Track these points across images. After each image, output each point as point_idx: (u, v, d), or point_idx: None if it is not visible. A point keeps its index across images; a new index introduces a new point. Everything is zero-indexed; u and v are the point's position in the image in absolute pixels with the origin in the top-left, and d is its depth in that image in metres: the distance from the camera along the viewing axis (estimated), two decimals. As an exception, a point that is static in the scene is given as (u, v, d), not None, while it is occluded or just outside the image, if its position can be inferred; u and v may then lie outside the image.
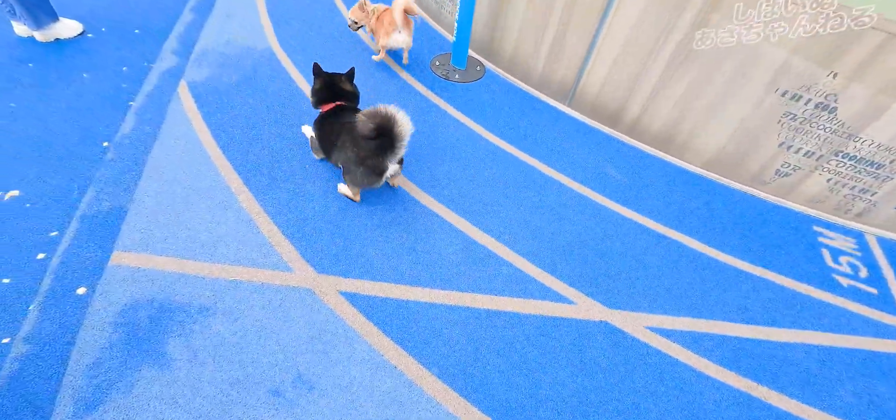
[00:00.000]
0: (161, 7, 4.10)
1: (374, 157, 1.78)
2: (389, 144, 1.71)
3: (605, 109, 2.88)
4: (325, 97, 2.12)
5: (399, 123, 1.67)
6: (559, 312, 1.91)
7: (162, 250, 1.84)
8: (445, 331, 1.79)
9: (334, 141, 1.96)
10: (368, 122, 1.65)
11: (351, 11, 3.09)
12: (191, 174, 2.17)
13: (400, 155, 1.77)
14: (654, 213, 2.42)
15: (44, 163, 2.53)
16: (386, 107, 1.65)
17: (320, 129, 2.11)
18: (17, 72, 3.14)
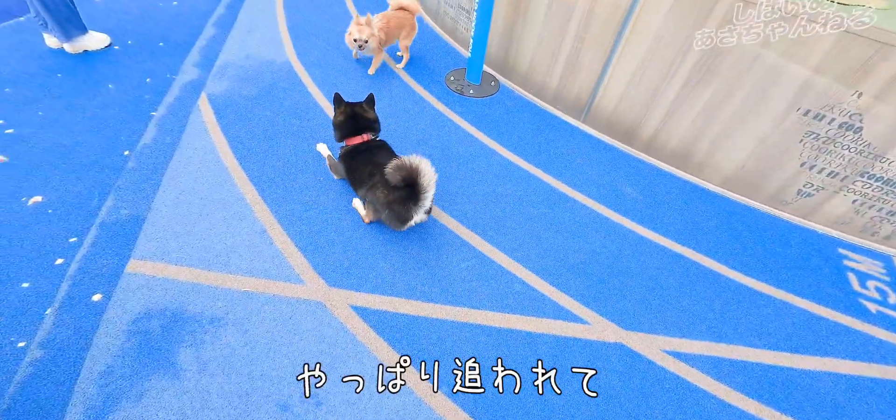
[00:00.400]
0: (185, 21, 4.23)
1: (401, 204, 1.77)
2: (415, 196, 1.71)
3: (621, 126, 2.85)
4: (349, 129, 2.09)
5: (423, 174, 1.66)
6: (573, 333, 1.87)
7: (177, 259, 1.86)
8: (456, 349, 1.76)
9: (365, 179, 1.94)
10: (396, 174, 1.67)
11: (352, 33, 2.84)
12: (208, 184, 2.20)
13: (425, 206, 1.75)
14: (671, 232, 2.36)
15: (67, 170, 2.59)
16: (413, 158, 1.66)
17: (349, 163, 2.07)
18: (46, 82, 3.26)
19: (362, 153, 2.03)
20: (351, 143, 2.08)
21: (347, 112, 2.09)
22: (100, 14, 4.12)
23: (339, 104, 2.12)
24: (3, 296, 1.95)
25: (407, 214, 1.77)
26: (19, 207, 2.35)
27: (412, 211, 1.76)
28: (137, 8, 4.31)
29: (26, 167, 2.55)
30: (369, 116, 2.14)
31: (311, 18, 3.78)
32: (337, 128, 2.12)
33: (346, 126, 2.09)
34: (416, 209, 1.75)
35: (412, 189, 1.70)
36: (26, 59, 3.42)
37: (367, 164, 1.95)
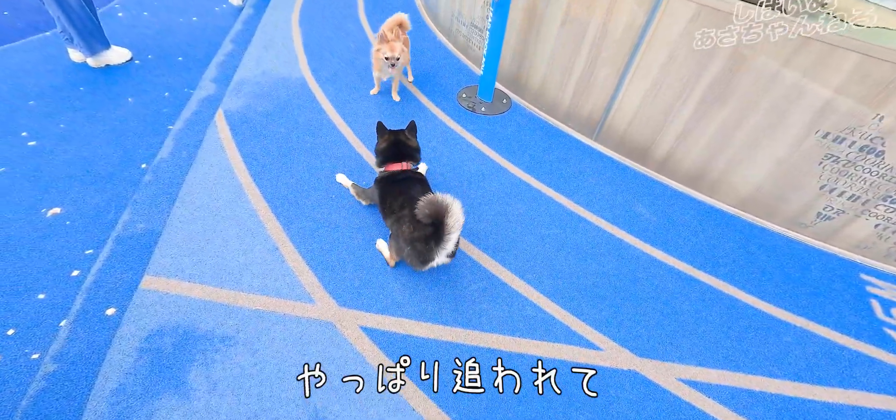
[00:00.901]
0: (204, 37, 4.33)
1: (424, 243, 1.71)
2: (438, 236, 1.65)
3: (634, 145, 2.82)
4: (391, 156, 2.09)
5: (451, 214, 1.59)
6: (585, 358, 1.83)
7: (190, 276, 1.88)
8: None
9: (395, 209, 1.91)
10: (426, 209, 1.62)
11: (383, 51, 2.74)
12: (222, 201, 2.23)
13: (448, 249, 1.68)
14: (686, 255, 2.32)
15: (86, 182, 2.65)
16: (445, 197, 1.62)
17: (383, 189, 2.04)
18: (69, 95, 3.35)
19: (399, 182, 2.01)
20: (390, 169, 2.06)
21: (391, 139, 2.10)
22: (123, 29, 4.24)
23: (382, 132, 2.13)
24: (19, 306, 1.99)
25: (429, 255, 1.71)
26: (38, 218, 2.40)
27: (434, 252, 1.69)
28: (158, 23, 4.43)
29: (47, 179, 2.61)
30: (412, 145, 2.14)
31: (325, 35, 3.84)
32: (379, 153, 2.12)
33: (388, 152, 2.09)
34: (438, 250, 1.68)
35: (437, 229, 1.65)
36: (51, 72, 3.53)
37: (401, 194, 1.91)
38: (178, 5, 4.83)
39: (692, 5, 2.24)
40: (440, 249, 1.68)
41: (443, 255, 1.71)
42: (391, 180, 2.03)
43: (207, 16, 4.74)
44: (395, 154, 2.08)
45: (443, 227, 1.62)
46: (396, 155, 2.08)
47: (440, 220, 1.62)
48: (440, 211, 1.61)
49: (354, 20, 4.17)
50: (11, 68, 3.49)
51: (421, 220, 1.66)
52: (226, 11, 4.90)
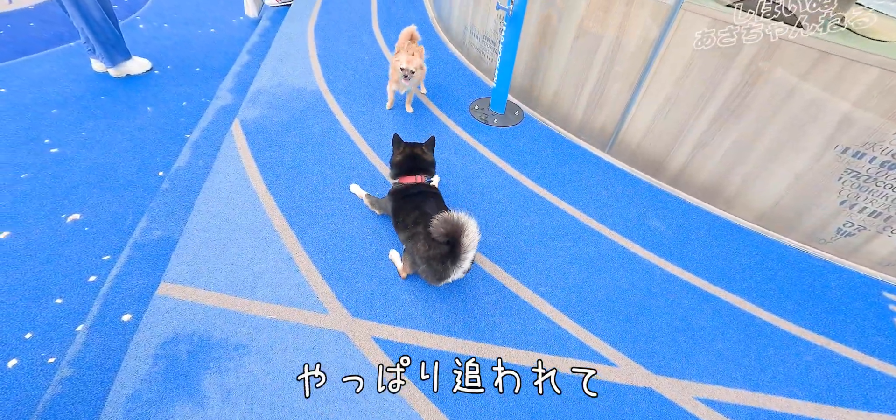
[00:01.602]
0: (221, 48, 4.43)
1: (439, 262, 1.69)
2: (455, 255, 1.63)
3: (647, 158, 2.81)
4: (405, 169, 2.09)
5: (467, 233, 1.58)
6: (602, 375, 1.80)
7: (206, 284, 1.90)
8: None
9: (408, 224, 1.90)
10: (440, 228, 1.61)
11: (401, 61, 2.74)
12: (237, 209, 2.26)
13: (464, 267, 1.67)
14: (702, 270, 2.28)
15: (105, 189, 2.71)
16: (460, 215, 1.61)
17: (397, 202, 2.04)
18: (91, 104, 3.44)
19: (413, 196, 1.99)
20: (404, 181, 2.07)
21: (407, 152, 2.10)
22: (143, 40, 4.36)
23: (398, 144, 2.14)
24: (38, 311, 2.02)
25: (444, 273, 1.70)
26: (58, 224, 2.45)
27: (450, 270, 1.68)
28: (178, 35, 4.54)
29: (68, 185, 2.67)
30: (427, 159, 2.14)
31: (340, 48, 3.90)
32: (394, 166, 2.12)
33: (403, 165, 2.09)
34: (454, 269, 1.67)
35: (453, 247, 1.63)
36: (74, 81, 3.63)
37: (415, 209, 1.91)
38: (196, 18, 4.96)
39: (705, 20, 2.23)
40: (456, 268, 1.66)
41: (459, 272, 1.70)
42: (405, 193, 2.03)
43: (225, 28, 4.85)
44: (409, 167, 2.09)
45: (459, 247, 1.60)
46: (411, 168, 2.08)
47: (456, 238, 1.60)
48: (456, 230, 1.59)
49: (369, 33, 4.23)
50: (36, 78, 3.59)
51: (436, 238, 1.64)
52: (242, 24, 5.01)
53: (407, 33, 2.94)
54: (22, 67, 3.71)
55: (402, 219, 1.96)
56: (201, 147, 2.86)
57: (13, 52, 3.94)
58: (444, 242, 1.64)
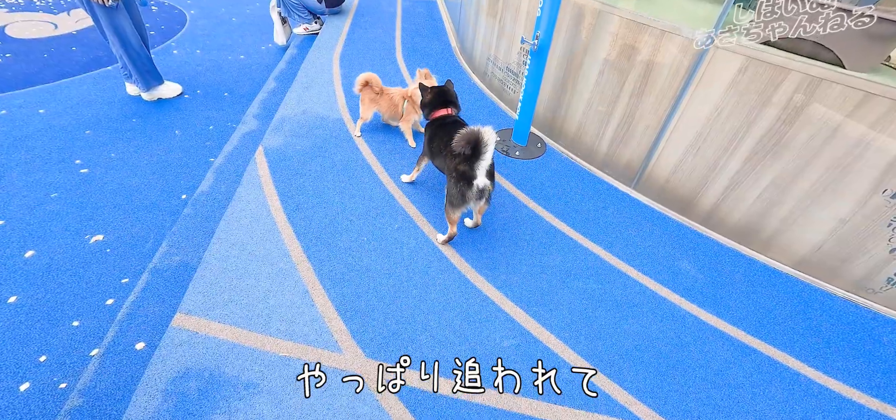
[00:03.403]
0: (249, 74, 4.55)
1: (466, 163, 1.99)
2: (477, 153, 1.94)
3: (676, 196, 2.69)
4: (437, 104, 2.44)
5: (483, 134, 1.90)
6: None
7: (220, 317, 1.86)
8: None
9: (442, 148, 2.24)
10: (461, 141, 1.92)
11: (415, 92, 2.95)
12: (256, 239, 2.24)
13: (486, 163, 1.96)
14: (738, 319, 2.14)
15: (128, 211, 2.74)
16: (475, 128, 1.93)
17: (433, 132, 2.40)
18: (122, 126, 3.54)
19: (446, 126, 2.32)
20: (437, 115, 2.42)
21: (436, 91, 2.48)
22: (176, 65, 4.52)
23: (426, 89, 2.51)
24: (54, 333, 2.02)
25: (472, 172, 1.98)
26: (82, 245, 2.48)
27: (476, 168, 1.97)
28: (209, 61, 4.70)
29: (94, 206, 2.72)
30: (453, 94, 2.51)
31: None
32: (427, 105, 2.49)
33: (435, 101, 2.45)
34: (478, 164, 1.96)
35: (474, 149, 1.93)
36: (108, 104, 3.76)
37: (447, 135, 2.17)
38: (227, 44, 5.13)
39: (739, 58, 2.15)
40: (480, 163, 1.95)
41: (483, 171, 1.97)
42: (440, 124, 2.38)
43: (254, 54, 5.00)
44: (441, 102, 2.44)
45: (479, 145, 1.91)
46: (442, 103, 2.44)
47: (475, 141, 1.90)
48: (473, 135, 1.90)
49: (393, 62, 4.28)
50: (74, 100, 3.74)
51: (460, 151, 1.95)
52: (271, 50, 5.16)
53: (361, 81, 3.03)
54: (62, 89, 3.88)
55: (436, 145, 2.32)
56: (225, 172, 2.89)
57: (56, 74, 4.13)
58: (469, 151, 1.94)
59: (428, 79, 2.90)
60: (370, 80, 2.97)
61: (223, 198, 2.66)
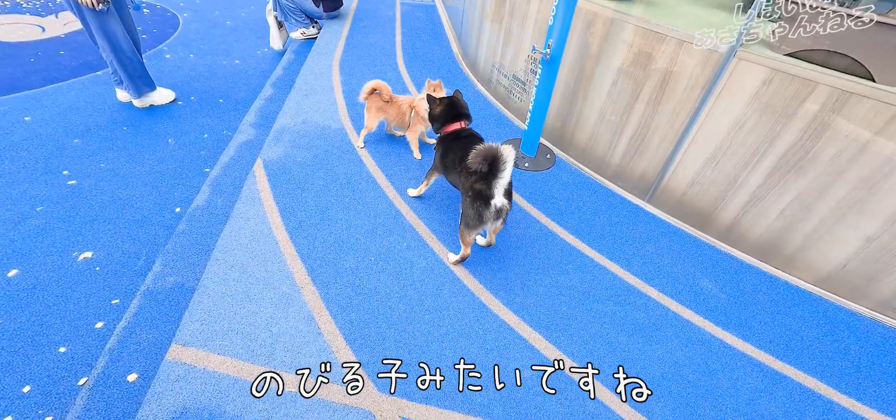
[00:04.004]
0: (245, 80, 4.41)
1: (483, 181, 1.88)
2: (494, 171, 1.83)
3: (693, 210, 2.61)
4: (449, 118, 2.31)
5: (500, 151, 1.78)
6: (659, 469, 1.57)
7: (220, 348, 1.73)
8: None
9: (456, 163, 2.13)
10: (477, 158, 1.80)
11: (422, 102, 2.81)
12: (257, 260, 2.11)
13: (505, 181, 1.85)
14: (765, 341, 2.05)
15: (119, 225, 2.60)
16: (492, 144, 1.81)
17: (445, 146, 2.28)
18: (112, 134, 3.39)
19: (460, 140, 2.21)
20: (449, 129, 2.29)
21: (447, 103, 2.33)
22: (169, 70, 4.36)
23: (435, 101, 2.36)
24: (39, 360, 1.88)
25: (489, 191, 1.87)
26: (70, 262, 2.34)
27: (493, 186, 1.86)
28: (203, 66, 4.55)
29: (82, 220, 2.57)
30: (464, 105, 2.36)
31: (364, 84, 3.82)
32: (437, 118, 2.34)
33: (446, 114, 2.31)
34: (496, 183, 1.85)
35: (492, 167, 1.82)
36: (98, 111, 3.60)
37: (462, 149, 2.09)
38: (222, 48, 4.99)
39: (763, 70, 2.07)
40: (498, 182, 1.84)
41: (501, 190, 1.86)
42: (453, 138, 2.26)
43: (249, 59, 4.86)
44: (452, 116, 2.30)
45: (496, 163, 1.80)
46: (454, 116, 2.30)
47: (493, 158, 1.80)
48: (490, 152, 1.78)
49: (394, 69, 4.17)
50: (62, 106, 3.57)
51: (476, 169, 1.83)
52: (267, 55, 5.02)
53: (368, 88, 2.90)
54: (49, 95, 3.71)
55: (451, 160, 2.19)
56: (221, 185, 2.75)
57: (42, 79, 3.96)
58: (486, 169, 1.83)
59: (437, 90, 2.79)
60: (379, 88, 2.85)
61: (220, 213, 2.53)
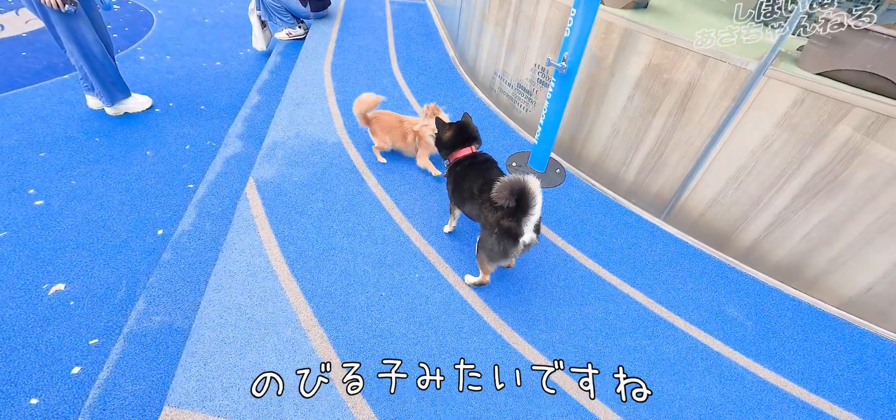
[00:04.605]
0: (228, 84, 4.13)
1: (511, 217, 1.72)
2: (524, 207, 1.67)
3: (712, 229, 2.52)
4: (458, 143, 2.12)
5: (529, 184, 1.63)
6: None
7: (220, 409, 1.52)
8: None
9: (475, 192, 1.94)
10: (503, 190, 1.65)
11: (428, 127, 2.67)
12: (256, 300, 1.90)
13: (535, 217, 1.69)
14: (798, 373, 1.96)
15: (95, 252, 2.36)
16: (517, 176, 1.65)
17: (457, 176, 2.08)
18: (84, 146, 3.10)
19: (474, 166, 2.03)
20: (459, 155, 2.10)
21: (456, 128, 2.13)
22: (144, 73, 4.05)
23: (443, 126, 2.16)
24: (6, 416, 1.64)
25: (518, 228, 1.71)
26: (40, 297, 2.09)
27: (523, 224, 1.70)
28: (181, 69, 4.24)
29: (52, 247, 2.32)
30: (474, 129, 2.17)
31: (359, 91, 3.59)
32: (446, 145, 2.15)
33: (455, 139, 2.11)
34: (526, 221, 1.69)
35: (520, 202, 1.67)
36: (66, 120, 3.29)
37: (479, 177, 1.94)
38: (201, 49, 4.67)
39: (794, 89, 1.98)
40: (528, 220, 1.68)
41: (530, 228, 1.70)
42: (468, 164, 2.06)
43: (231, 61, 4.57)
44: (463, 140, 2.11)
45: (526, 199, 1.64)
46: (464, 140, 2.12)
47: (521, 192, 1.64)
48: (517, 185, 1.64)
49: (389, 74, 3.96)
50: (25, 114, 3.25)
51: (502, 204, 1.68)
52: (250, 56, 4.74)
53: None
54: (10, 102, 3.37)
55: (466, 190, 2.00)
56: (208, 207, 2.52)
57: (2, 84, 3.60)
58: (513, 205, 1.68)
59: (436, 113, 2.62)
60: (364, 103, 2.67)
61: (209, 240, 2.30)
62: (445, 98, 3.71)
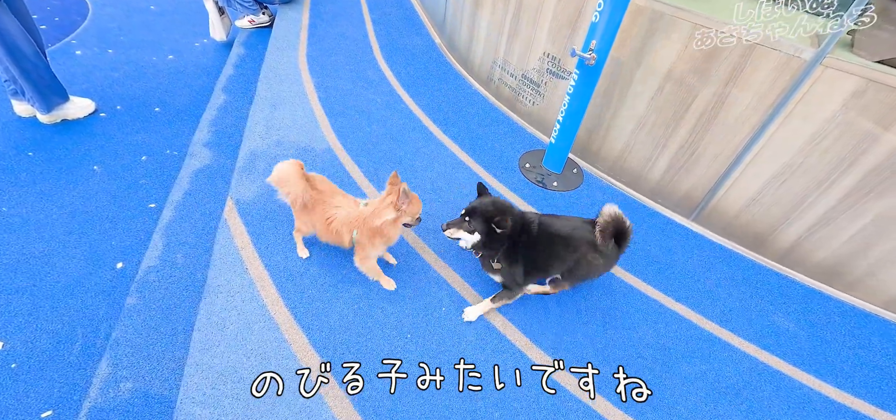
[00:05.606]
0: (183, 81, 3.60)
1: (616, 250, 1.75)
2: (625, 236, 1.71)
3: (747, 230, 2.35)
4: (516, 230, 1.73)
5: (623, 217, 1.68)
6: None
7: None
8: None
9: (556, 266, 1.79)
10: (607, 233, 1.67)
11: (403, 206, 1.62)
12: (255, 359, 1.53)
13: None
14: (859, 387, 1.81)
15: (38, 297, 1.94)
16: (606, 211, 1.67)
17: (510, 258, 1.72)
18: (14, 164, 2.58)
19: (526, 231, 1.72)
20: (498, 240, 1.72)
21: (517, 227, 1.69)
22: (82, 72, 3.45)
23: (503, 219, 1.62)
24: None
25: (618, 255, 1.78)
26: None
27: (624, 248, 1.75)
28: (127, 64, 3.67)
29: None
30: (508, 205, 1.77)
31: (344, 87, 3.20)
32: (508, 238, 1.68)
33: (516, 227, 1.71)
34: (624, 246, 1.74)
35: (620, 236, 1.70)
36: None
37: (551, 244, 1.74)
38: (149, 41, 4.07)
39: (854, 80, 1.79)
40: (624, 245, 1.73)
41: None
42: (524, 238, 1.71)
43: (186, 54, 4.01)
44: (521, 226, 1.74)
45: (625, 232, 1.69)
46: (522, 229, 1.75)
47: (620, 227, 1.68)
48: (616, 222, 1.67)
49: (374, 67, 3.56)
50: (-70, 130, 2.66)
51: (606, 242, 1.68)
52: (208, 47, 4.18)
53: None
54: None
55: (543, 259, 1.76)
56: (178, 234, 2.11)
57: None
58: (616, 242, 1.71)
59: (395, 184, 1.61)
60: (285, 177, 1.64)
61: (183, 277, 1.91)
62: (439, 92, 3.36)
